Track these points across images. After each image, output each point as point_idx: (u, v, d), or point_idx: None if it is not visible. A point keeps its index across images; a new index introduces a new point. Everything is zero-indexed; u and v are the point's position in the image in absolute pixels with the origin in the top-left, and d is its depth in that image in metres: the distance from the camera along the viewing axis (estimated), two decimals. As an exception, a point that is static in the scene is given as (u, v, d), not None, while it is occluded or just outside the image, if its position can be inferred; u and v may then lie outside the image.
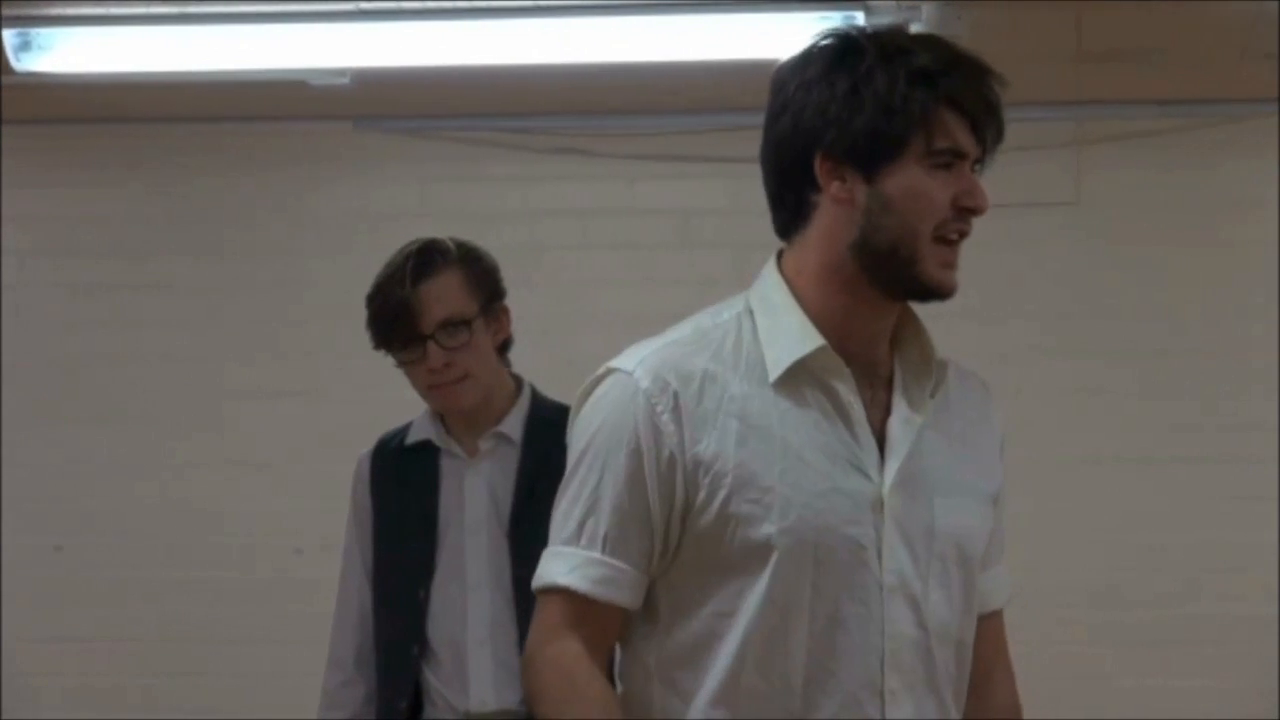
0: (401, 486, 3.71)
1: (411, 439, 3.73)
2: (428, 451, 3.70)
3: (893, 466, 2.34)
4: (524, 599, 3.50)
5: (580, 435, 2.37)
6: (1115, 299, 6.53)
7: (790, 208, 2.36)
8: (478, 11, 5.43)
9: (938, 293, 2.32)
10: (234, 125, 6.66)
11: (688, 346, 2.35)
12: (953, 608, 2.38)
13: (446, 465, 3.69)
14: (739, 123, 5.85)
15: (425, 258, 3.62)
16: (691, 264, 6.49)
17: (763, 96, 2.38)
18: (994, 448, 2.51)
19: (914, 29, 2.66)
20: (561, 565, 2.34)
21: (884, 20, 4.83)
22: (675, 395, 2.30)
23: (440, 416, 3.71)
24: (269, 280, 6.71)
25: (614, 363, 2.37)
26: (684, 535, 2.31)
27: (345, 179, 6.73)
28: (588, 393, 2.39)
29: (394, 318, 3.59)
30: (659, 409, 2.30)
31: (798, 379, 2.33)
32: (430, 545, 3.65)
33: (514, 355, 3.75)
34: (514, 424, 3.67)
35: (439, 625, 3.63)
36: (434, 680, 3.63)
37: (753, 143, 2.42)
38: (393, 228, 5.01)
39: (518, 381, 3.74)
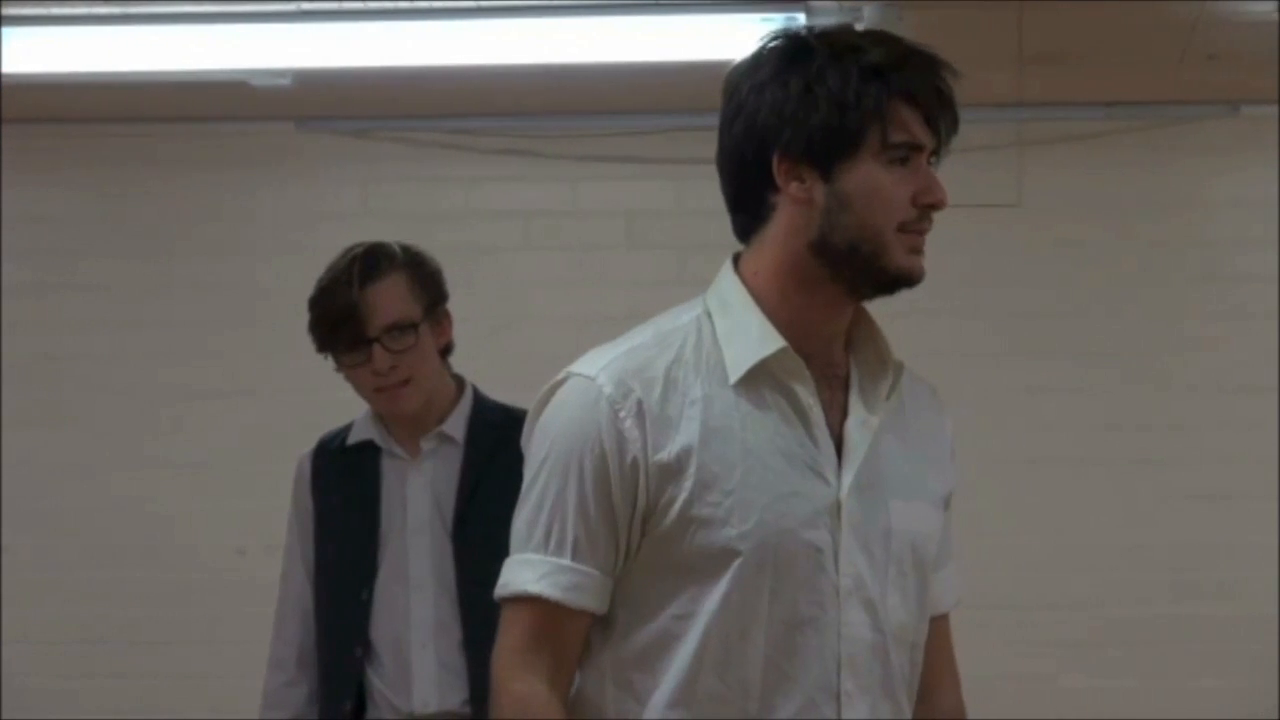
0: (343, 487, 3.70)
1: (353, 439, 3.71)
2: (369, 452, 3.69)
3: (850, 471, 2.33)
4: (468, 600, 3.51)
5: (541, 440, 2.34)
6: (1062, 299, 6.55)
7: (749, 210, 2.35)
8: (420, 12, 5.42)
9: (906, 280, 2.32)
10: (174, 126, 6.63)
11: (650, 351, 2.33)
12: (909, 610, 2.38)
13: (388, 466, 3.67)
14: (683, 124, 5.88)
15: (371, 261, 3.61)
16: (636, 265, 6.49)
17: (707, 97, 2.38)
18: (945, 451, 2.50)
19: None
20: (530, 573, 2.31)
21: (825, 21, 4.83)
22: (639, 401, 2.28)
23: (382, 417, 3.70)
24: (210, 281, 6.67)
25: (574, 368, 2.35)
26: (643, 538, 2.30)
27: (287, 180, 6.71)
28: (547, 397, 2.36)
29: (339, 321, 3.57)
30: (622, 414, 2.28)
31: (757, 380, 2.32)
32: (373, 546, 3.63)
33: (457, 356, 3.74)
34: (456, 424, 3.66)
35: (382, 626, 3.61)
36: (377, 681, 3.61)
37: (697, 144, 2.42)
38: (335, 229, 4.99)
39: (460, 382, 3.72)
